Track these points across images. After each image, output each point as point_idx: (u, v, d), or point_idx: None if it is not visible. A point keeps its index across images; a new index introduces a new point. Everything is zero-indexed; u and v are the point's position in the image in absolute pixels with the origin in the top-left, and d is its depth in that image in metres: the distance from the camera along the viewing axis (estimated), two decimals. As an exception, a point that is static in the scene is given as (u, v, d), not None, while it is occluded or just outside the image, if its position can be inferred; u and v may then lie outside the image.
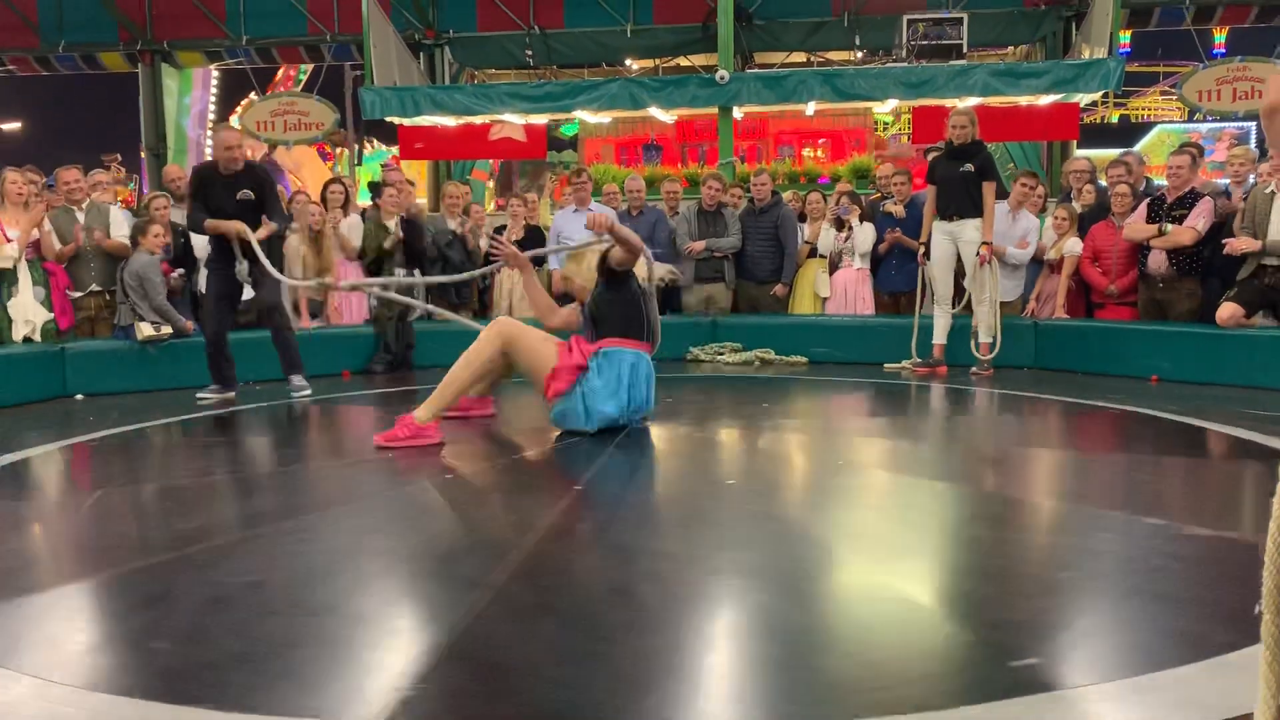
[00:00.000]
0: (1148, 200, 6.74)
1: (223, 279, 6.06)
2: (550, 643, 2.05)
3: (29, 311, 6.44)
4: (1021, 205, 7.20)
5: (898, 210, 7.49)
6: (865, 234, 7.61)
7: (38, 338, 6.43)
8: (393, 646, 2.08)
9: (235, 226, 5.83)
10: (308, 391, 6.09)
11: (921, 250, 6.89)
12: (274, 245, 6.31)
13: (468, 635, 2.09)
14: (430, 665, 1.93)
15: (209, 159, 6.04)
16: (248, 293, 6.38)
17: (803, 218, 8.13)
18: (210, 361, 6.06)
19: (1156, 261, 6.60)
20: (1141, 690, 1.79)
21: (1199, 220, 6.38)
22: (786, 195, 8.49)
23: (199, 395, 6.00)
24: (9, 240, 6.31)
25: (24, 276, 6.44)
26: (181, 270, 6.94)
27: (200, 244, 6.79)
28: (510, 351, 4.42)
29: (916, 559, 2.68)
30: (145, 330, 6.38)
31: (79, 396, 6.17)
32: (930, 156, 8.17)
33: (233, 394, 6.08)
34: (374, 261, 7.53)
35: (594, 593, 2.42)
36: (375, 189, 7.94)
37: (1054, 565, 2.64)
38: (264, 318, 6.31)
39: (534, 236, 8.00)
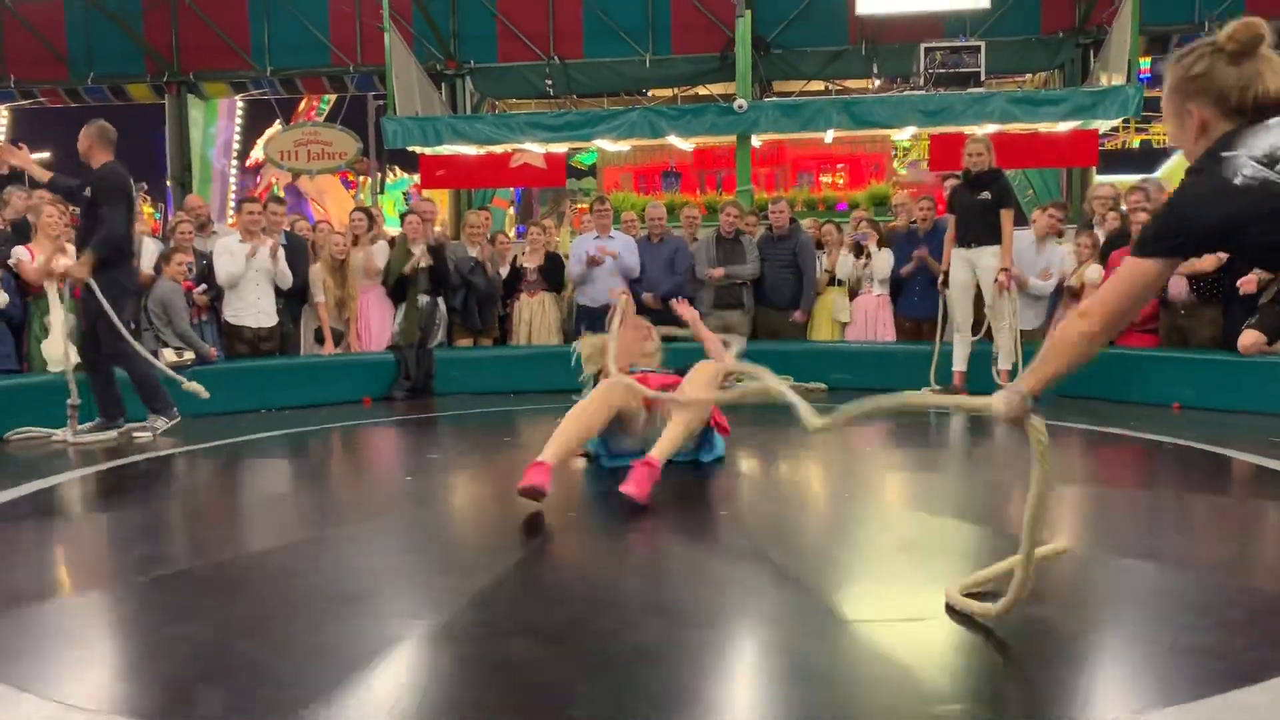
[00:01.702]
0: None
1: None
2: (576, 668, 2.05)
3: (56, 354, 6.47)
4: (1048, 236, 7.18)
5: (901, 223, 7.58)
6: (883, 260, 7.62)
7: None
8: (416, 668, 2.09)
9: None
10: (153, 430, 5.58)
11: (942, 278, 6.89)
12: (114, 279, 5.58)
13: (492, 656, 2.10)
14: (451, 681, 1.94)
15: None
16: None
17: (820, 245, 8.14)
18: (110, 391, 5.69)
19: (1177, 288, 6.58)
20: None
21: None
22: (805, 223, 8.52)
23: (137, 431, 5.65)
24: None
25: (55, 312, 6.49)
26: (205, 285, 6.96)
27: (223, 271, 6.87)
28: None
29: (940, 590, 2.67)
30: (169, 356, 6.44)
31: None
32: (948, 184, 8.18)
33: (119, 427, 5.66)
34: (397, 286, 7.60)
35: (619, 619, 2.42)
36: (404, 217, 8.03)
37: (1082, 598, 2.63)
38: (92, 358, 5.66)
39: (554, 263, 8.05)
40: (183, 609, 2.51)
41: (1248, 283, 6.18)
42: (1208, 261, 6.37)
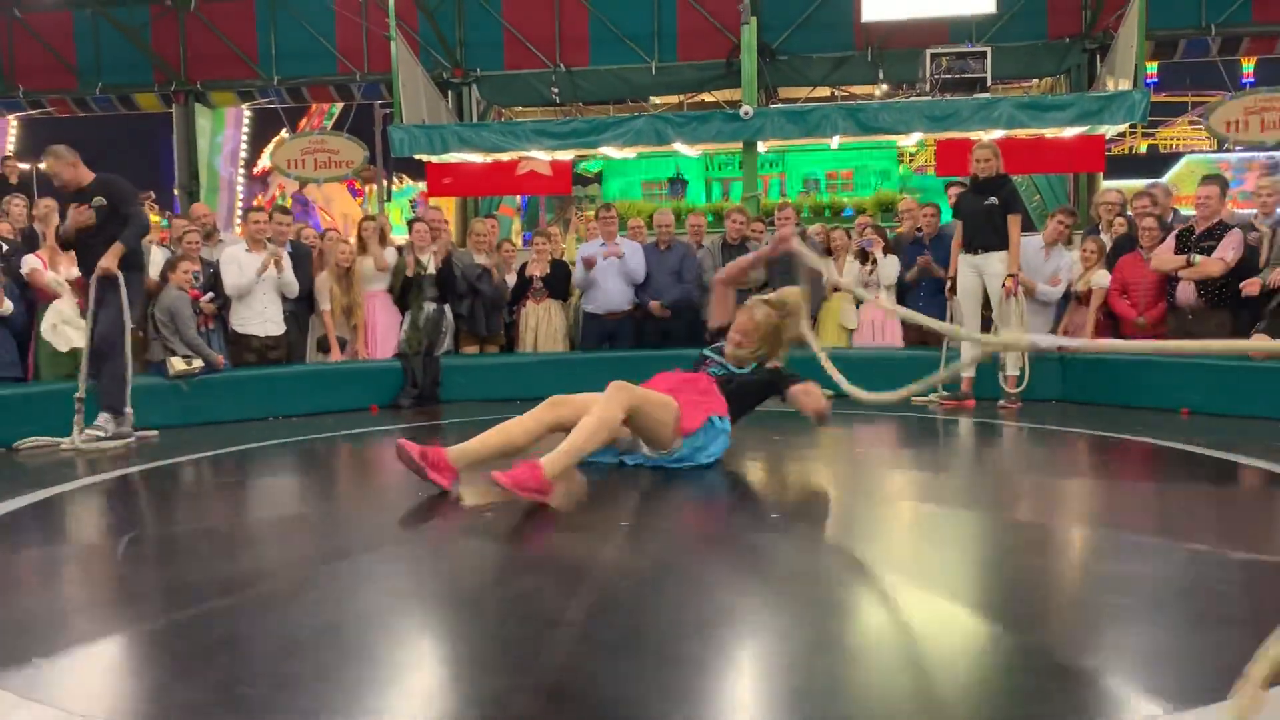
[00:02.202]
0: (1176, 231, 6.69)
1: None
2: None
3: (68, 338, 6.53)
4: (1057, 242, 7.16)
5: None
6: (889, 266, 7.61)
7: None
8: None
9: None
10: (101, 434, 5.60)
11: (949, 284, 6.88)
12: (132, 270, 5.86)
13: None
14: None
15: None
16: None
17: (829, 252, 8.13)
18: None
19: (1185, 293, 6.55)
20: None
21: (1228, 251, 6.34)
22: (814, 228, 8.52)
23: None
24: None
25: (67, 308, 6.52)
26: (213, 294, 6.98)
27: (231, 283, 6.89)
28: (634, 414, 4.07)
29: (960, 591, 2.66)
30: (177, 365, 6.45)
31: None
32: (953, 191, 8.18)
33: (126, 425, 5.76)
34: (403, 293, 7.62)
35: (627, 626, 2.42)
36: (411, 225, 8.07)
37: (1097, 597, 2.61)
38: (99, 354, 5.76)
39: (560, 271, 8.06)
40: (185, 622, 2.51)
41: (1250, 285, 6.17)
42: (1215, 267, 6.35)
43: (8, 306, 6.30)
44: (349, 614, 2.53)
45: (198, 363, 6.51)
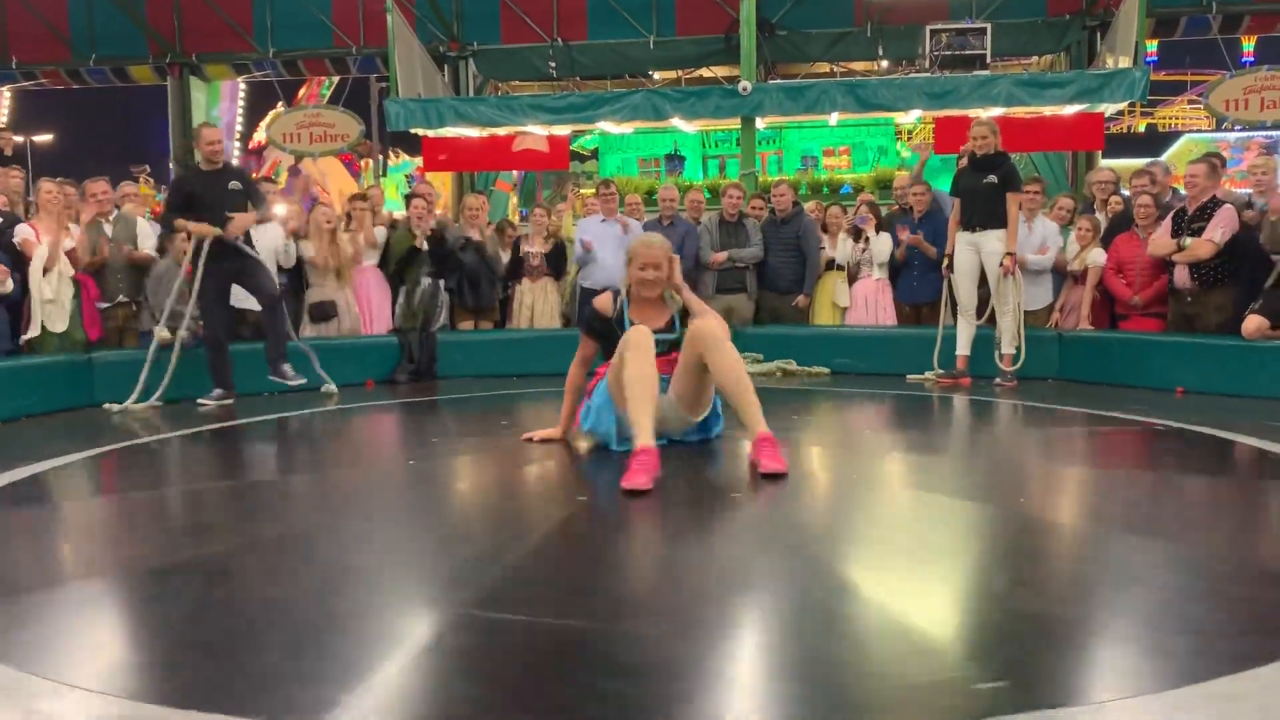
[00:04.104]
0: (1172, 214, 6.66)
1: (214, 279, 6.20)
2: (571, 653, 2.06)
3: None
4: (1035, 213, 7.17)
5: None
6: (882, 244, 7.61)
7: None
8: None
9: (205, 229, 6.05)
10: (300, 381, 6.31)
11: (946, 262, 6.88)
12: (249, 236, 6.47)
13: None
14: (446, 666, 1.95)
15: (186, 168, 6.41)
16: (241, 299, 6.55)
17: (825, 229, 8.12)
18: (211, 364, 6.26)
19: (1181, 277, 6.55)
20: (1187, 704, 1.77)
21: (1216, 231, 6.31)
22: (809, 205, 8.49)
23: (199, 401, 6.15)
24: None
25: (58, 285, 6.50)
26: None
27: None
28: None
29: (946, 574, 2.67)
30: (163, 335, 6.47)
31: (107, 406, 6.24)
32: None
33: (231, 400, 6.25)
34: (398, 269, 7.59)
35: (628, 609, 2.42)
36: (408, 200, 8.05)
37: (1090, 572, 2.63)
38: (265, 313, 6.44)
39: (557, 247, 8.04)
40: (183, 594, 2.51)
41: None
42: (1204, 249, 6.34)
43: (8, 285, 6.28)
44: (343, 583, 2.54)
45: (183, 334, 6.50)
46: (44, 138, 25.84)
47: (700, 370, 3.99)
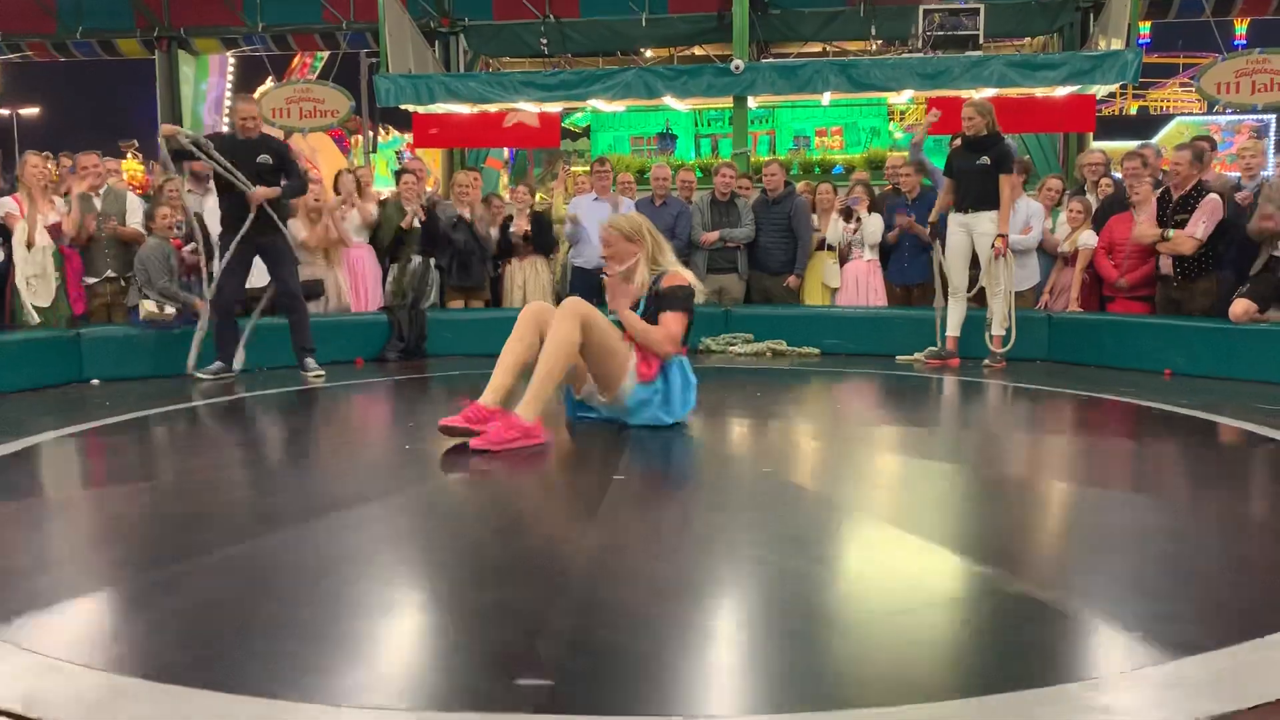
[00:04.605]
0: (1158, 195, 6.65)
1: (242, 246, 6.21)
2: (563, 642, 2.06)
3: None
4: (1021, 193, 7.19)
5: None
6: (874, 225, 7.60)
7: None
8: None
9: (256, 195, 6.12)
10: (321, 374, 6.26)
11: (928, 230, 6.90)
12: (282, 209, 6.47)
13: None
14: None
15: (223, 130, 6.33)
16: (260, 278, 6.49)
17: (815, 208, 8.11)
18: (216, 334, 6.28)
19: (1166, 265, 6.57)
20: (1177, 674, 1.79)
21: (1199, 226, 6.30)
22: (799, 185, 8.47)
23: (197, 374, 6.19)
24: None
25: (42, 259, 6.45)
26: (195, 245, 6.93)
27: (216, 230, 6.83)
28: (585, 333, 4.03)
29: (943, 543, 2.68)
30: (148, 308, 6.44)
31: (94, 381, 6.21)
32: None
33: (232, 372, 6.28)
34: (391, 244, 7.56)
35: (605, 594, 2.43)
36: (399, 176, 8.00)
37: (1077, 548, 2.65)
38: (281, 305, 6.51)
39: (540, 225, 8.00)
40: (171, 573, 2.51)
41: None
42: (1187, 246, 6.35)
43: None
44: (336, 567, 2.54)
45: (170, 310, 6.48)
46: (30, 111, 25.61)
47: (589, 352, 4.10)
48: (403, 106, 10.66)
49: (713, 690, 1.81)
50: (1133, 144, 10.65)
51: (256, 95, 15.15)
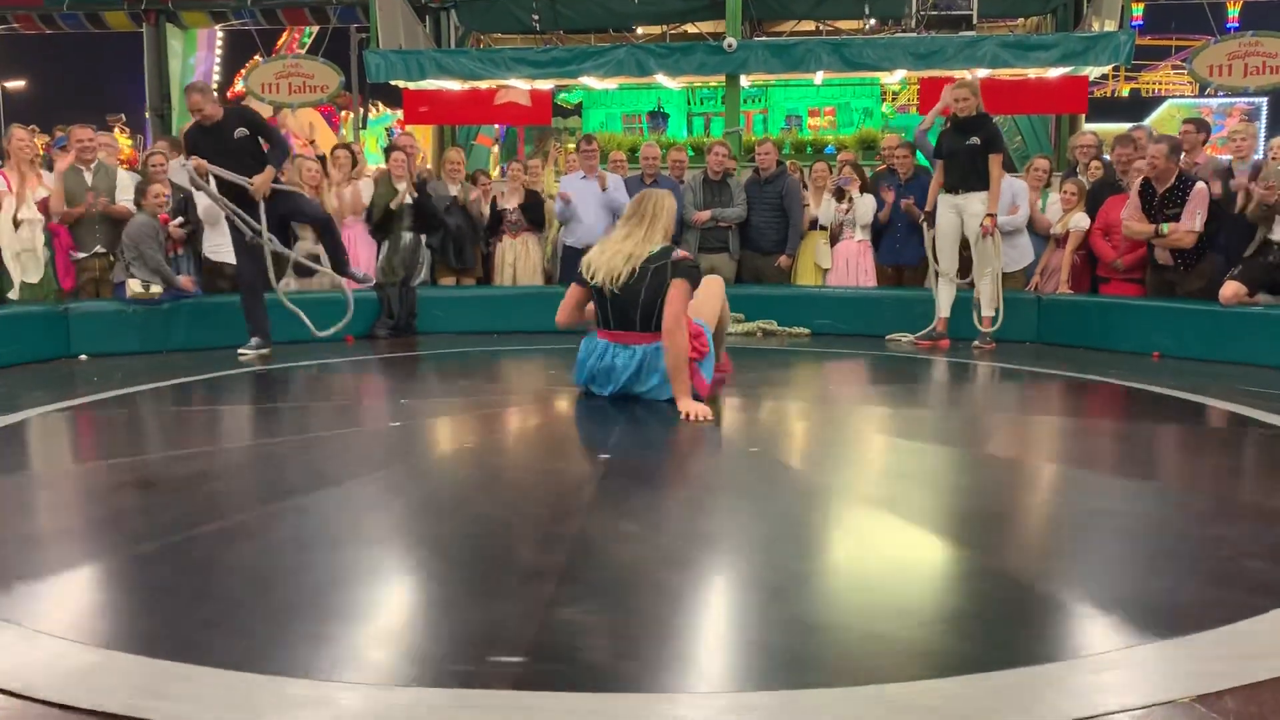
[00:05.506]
0: (1138, 190, 6.56)
1: (265, 221, 6.14)
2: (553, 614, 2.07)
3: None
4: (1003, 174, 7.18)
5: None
6: (866, 205, 7.59)
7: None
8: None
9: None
10: (370, 280, 6.90)
11: (922, 216, 6.90)
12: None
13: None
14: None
15: (191, 126, 6.23)
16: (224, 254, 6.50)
17: (807, 187, 8.09)
18: (246, 310, 6.21)
19: (1163, 255, 6.57)
20: (1170, 651, 1.81)
21: (1195, 219, 6.29)
22: (787, 165, 8.45)
23: (240, 352, 6.10)
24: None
25: (28, 235, 6.41)
26: (182, 219, 6.90)
27: (203, 205, 6.78)
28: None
29: (931, 524, 2.70)
30: (134, 287, 6.40)
31: (82, 357, 6.19)
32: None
33: (268, 349, 6.21)
34: (383, 222, 7.52)
35: (602, 563, 2.44)
36: (388, 153, 7.95)
37: (1065, 530, 2.66)
38: (321, 235, 6.83)
39: (534, 203, 7.97)
40: (157, 547, 2.51)
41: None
42: (1188, 240, 6.35)
43: None
44: (324, 544, 2.54)
45: (156, 288, 6.44)
46: (16, 84, 25.32)
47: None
48: (393, 82, 10.59)
49: (690, 667, 1.82)
50: (1125, 126, 10.66)
51: (245, 71, 15.04)
